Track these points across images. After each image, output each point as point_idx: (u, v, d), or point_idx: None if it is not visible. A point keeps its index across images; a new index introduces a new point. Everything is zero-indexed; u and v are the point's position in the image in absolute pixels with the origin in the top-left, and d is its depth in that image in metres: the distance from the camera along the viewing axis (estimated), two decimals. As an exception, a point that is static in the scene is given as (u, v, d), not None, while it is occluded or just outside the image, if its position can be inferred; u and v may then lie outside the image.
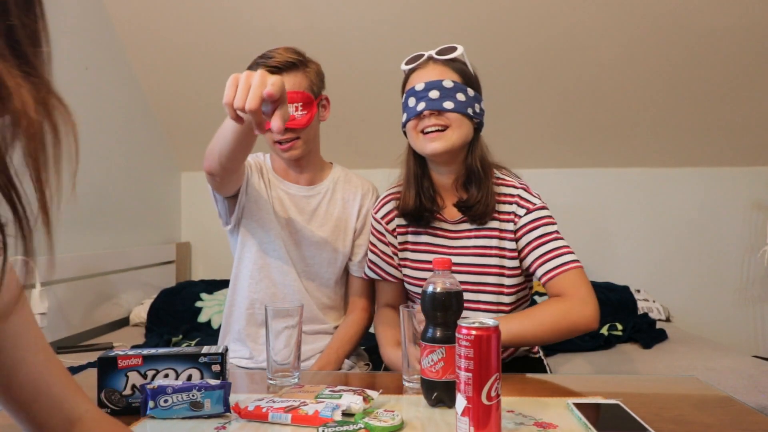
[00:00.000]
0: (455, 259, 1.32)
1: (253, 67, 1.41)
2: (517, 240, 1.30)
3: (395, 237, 1.43)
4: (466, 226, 1.35)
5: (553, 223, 1.29)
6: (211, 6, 2.43)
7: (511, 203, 1.32)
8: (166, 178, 3.06)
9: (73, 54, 2.23)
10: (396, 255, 1.43)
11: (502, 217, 1.32)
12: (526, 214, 1.29)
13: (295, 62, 1.42)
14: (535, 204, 1.30)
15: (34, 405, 0.67)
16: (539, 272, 1.26)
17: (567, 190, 2.95)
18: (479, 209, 1.30)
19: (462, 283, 1.28)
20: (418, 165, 1.37)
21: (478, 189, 1.30)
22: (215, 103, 3.12)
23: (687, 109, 2.71)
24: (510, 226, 1.31)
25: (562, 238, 1.28)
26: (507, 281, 1.33)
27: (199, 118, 2.80)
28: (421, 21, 2.43)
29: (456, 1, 2.37)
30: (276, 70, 1.38)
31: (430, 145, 1.27)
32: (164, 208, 3.04)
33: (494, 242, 1.32)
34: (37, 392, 0.67)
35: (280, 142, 1.43)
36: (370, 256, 1.46)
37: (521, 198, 1.31)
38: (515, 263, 1.32)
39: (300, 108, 1.40)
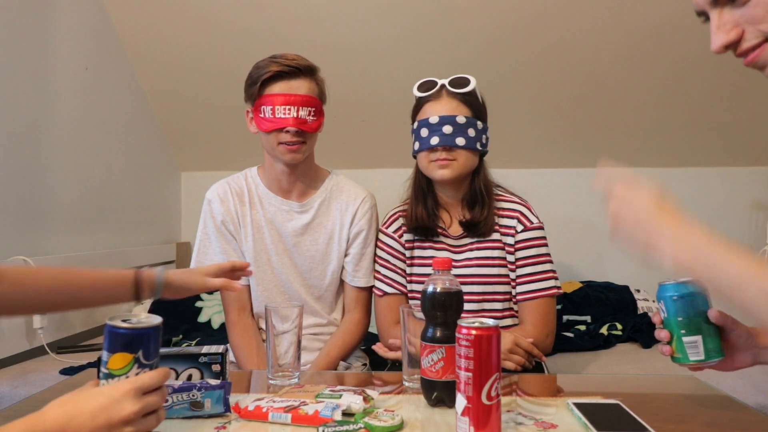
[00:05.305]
0: (460, 271, 1.39)
1: (265, 64, 1.40)
2: (513, 253, 1.41)
3: (406, 250, 1.48)
4: (468, 240, 1.43)
5: (545, 245, 1.41)
6: (212, 7, 2.43)
7: (512, 218, 1.41)
8: (166, 178, 3.05)
9: (73, 54, 2.22)
10: (407, 267, 1.49)
11: (503, 230, 1.42)
12: (523, 230, 1.40)
13: (311, 68, 1.43)
14: (533, 223, 1.41)
15: None
16: (518, 289, 1.40)
17: (567, 189, 2.94)
18: (482, 227, 1.40)
19: (468, 293, 1.36)
20: (425, 184, 1.45)
21: (481, 209, 1.40)
22: (215, 103, 3.12)
23: (687, 109, 2.70)
24: (510, 240, 1.41)
25: (550, 261, 1.40)
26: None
27: (199, 118, 2.79)
28: (421, 22, 2.43)
29: (456, 5, 2.37)
30: (295, 71, 1.38)
31: (439, 172, 1.36)
32: (164, 208, 3.03)
33: (497, 253, 1.41)
34: None
35: (286, 143, 1.40)
36: (382, 270, 1.49)
37: (522, 215, 1.41)
38: (515, 275, 1.41)
39: (312, 113, 1.40)
